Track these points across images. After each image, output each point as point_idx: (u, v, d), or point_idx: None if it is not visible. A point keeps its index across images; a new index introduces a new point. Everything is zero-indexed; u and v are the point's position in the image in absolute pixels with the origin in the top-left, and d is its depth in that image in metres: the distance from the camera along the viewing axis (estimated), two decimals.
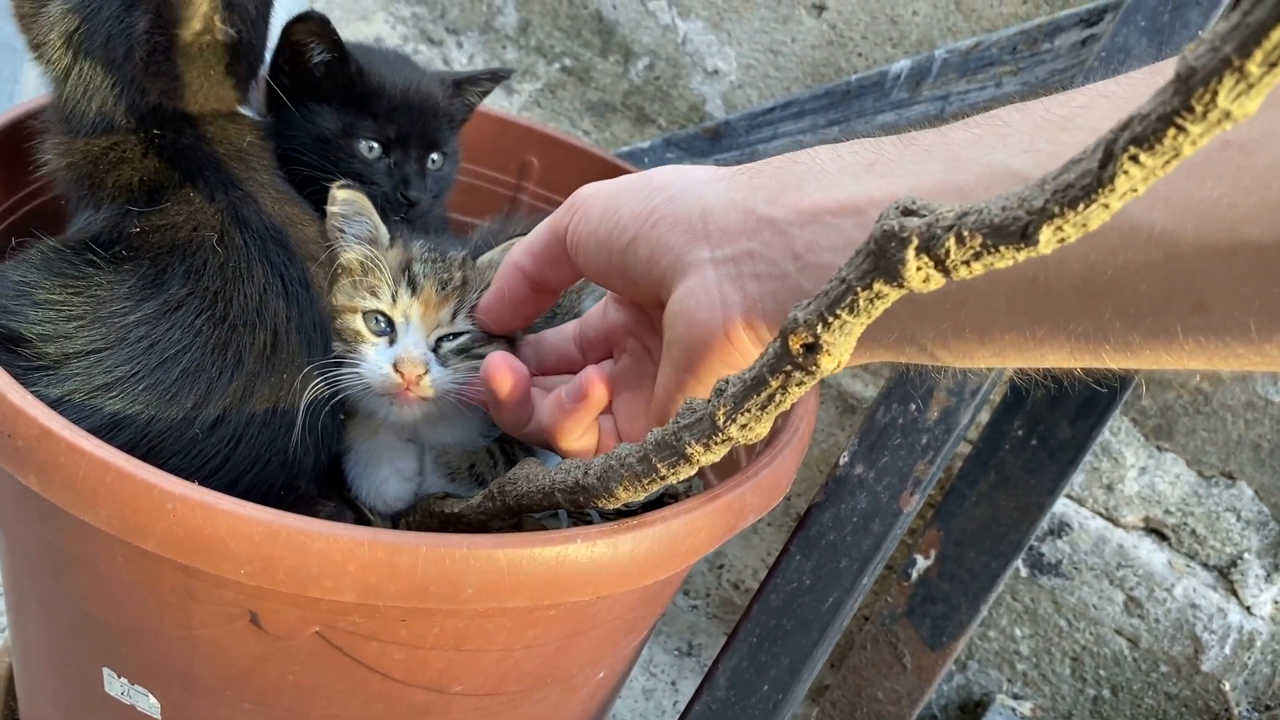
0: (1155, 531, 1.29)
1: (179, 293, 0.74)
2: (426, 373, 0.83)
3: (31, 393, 0.68)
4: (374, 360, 0.83)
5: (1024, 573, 1.32)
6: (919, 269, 0.47)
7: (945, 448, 0.89)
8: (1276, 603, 1.23)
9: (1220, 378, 1.23)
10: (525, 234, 0.94)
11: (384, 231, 0.87)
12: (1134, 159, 0.40)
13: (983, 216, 0.45)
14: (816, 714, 1.32)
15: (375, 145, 0.94)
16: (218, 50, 0.83)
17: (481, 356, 0.86)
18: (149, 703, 0.77)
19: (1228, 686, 1.22)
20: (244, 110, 0.90)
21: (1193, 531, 1.27)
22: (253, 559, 0.61)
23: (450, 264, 0.87)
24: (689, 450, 0.61)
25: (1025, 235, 0.44)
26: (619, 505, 0.70)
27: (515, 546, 0.65)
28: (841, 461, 0.92)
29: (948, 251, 0.46)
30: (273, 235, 0.79)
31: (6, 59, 1.49)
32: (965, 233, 0.45)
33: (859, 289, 0.49)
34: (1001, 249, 0.45)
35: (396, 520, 0.90)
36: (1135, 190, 0.41)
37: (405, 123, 0.94)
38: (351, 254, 0.86)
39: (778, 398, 0.56)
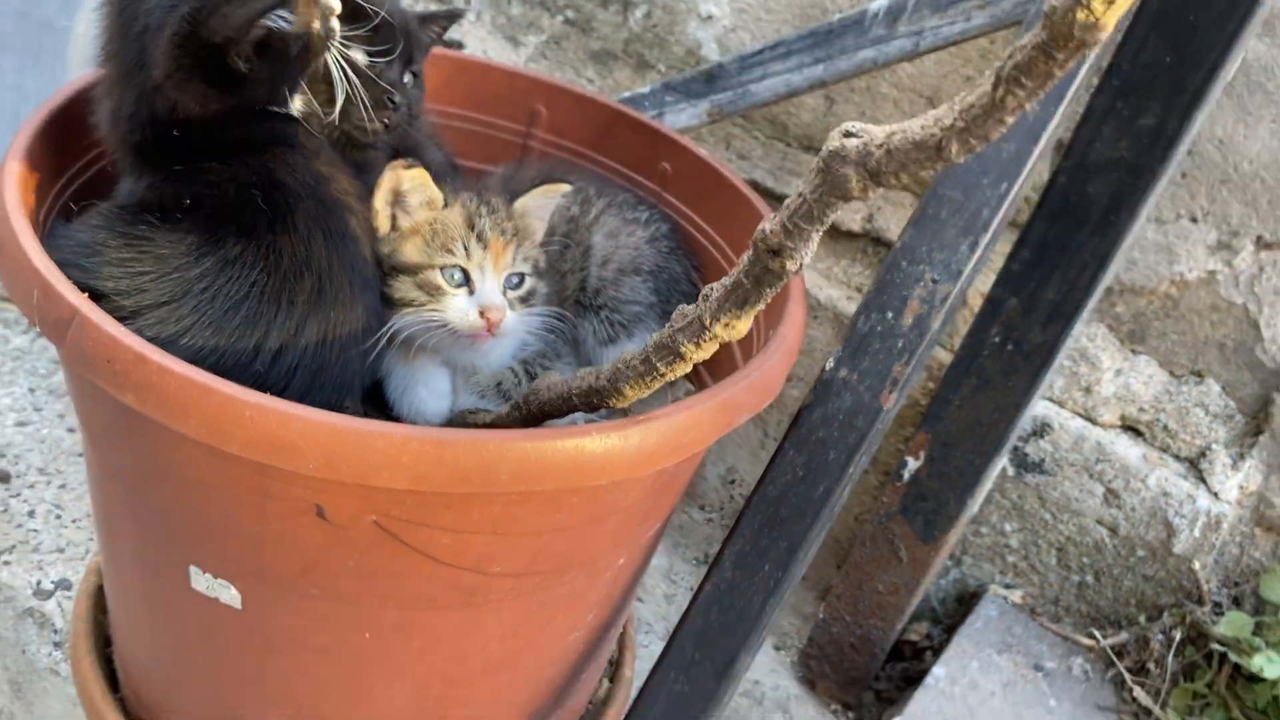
0: (1131, 428, 1.40)
1: (234, 249, 0.85)
2: (505, 315, 0.95)
3: None
4: (459, 308, 0.97)
5: (1010, 471, 1.42)
6: (858, 180, 0.58)
7: (919, 350, 0.99)
8: (1242, 488, 1.33)
9: (1187, 284, 1.33)
10: (540, 181, 1.06)
11: (439, 196, 0.98)
12: (1017, 81, 0.50)
13: (907, 135, 0.55)
14: (824, 609, 1.44)
15: (363, 52, 1.05)
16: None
17: (532, 298, 1.00)
18: (230, 594, 0.89)
19: (1198, 566, 1.33)
20: None
21: (1165, 427, 1.37)
22: (319, 455, 0.73)
23: (502, 214, 0.99)
24: (683, 349, 0.72)
25: (940, 148, 0.54)
26: (627, 405, 0.81)
27: (541, 439, 0.76)
28: (828, 367, 1.02)
29: (879, 164, 0.56)
30: (310, 191, 0.90)
31: (49, 38, 1.58)
32: (893, 148, 0.56)
33: (813, 200, 0.60)
34: (922, 159, 0.55)
35: None
36: (1022, 106, 0.51)
37: (389, 36, 1.05)
38: (420, 217, 0.98)
39: (752, 298, 0.67)
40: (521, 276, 0.99)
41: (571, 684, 1.08)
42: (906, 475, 1.31)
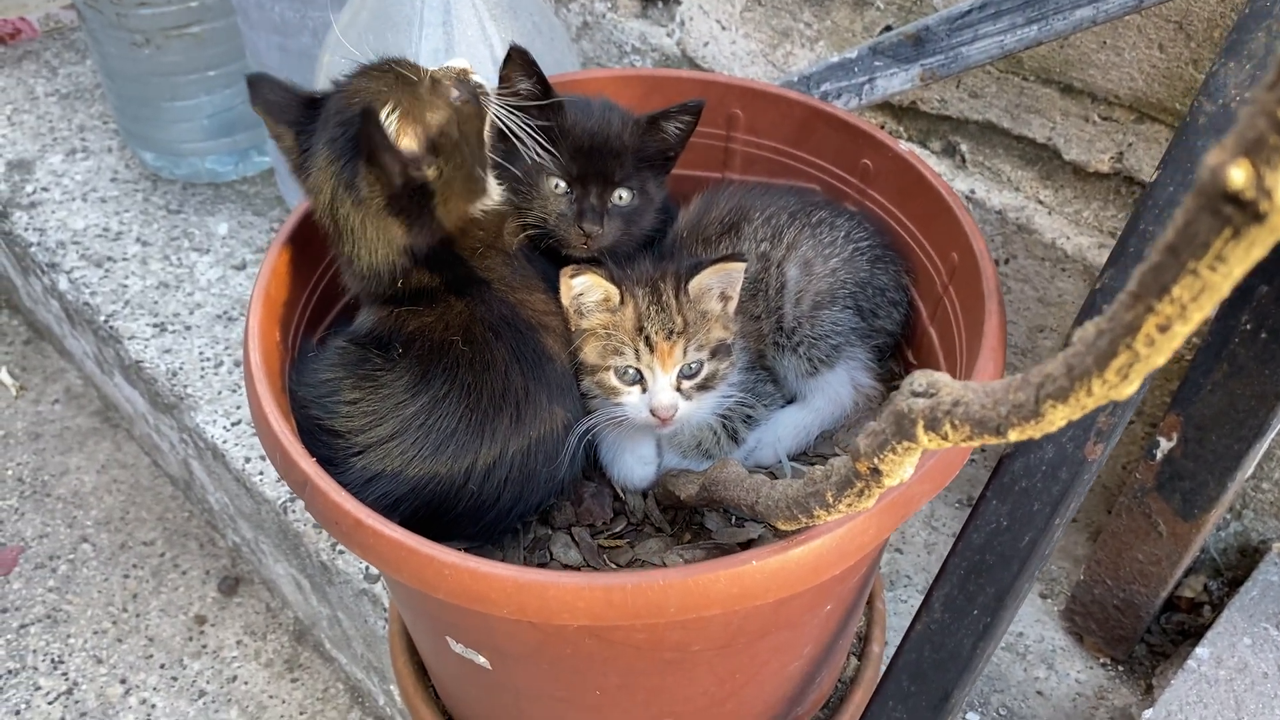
0: None
1: (442, 389, 0.95)
2: (677, 410, 1.00)
3: (356, 471, 0.94)
4: (635, 406, 1.03)
5: None
6: (929, 439, 0.57)
7: (1125, 400, 0.93)
8: None
9: None
10: (725, 230, 1.06)
11: (615, 294, 1.02)
12: (1052, 406, 0.48)
13: (969, 410, 0.54)
14: (1083, 570, 1.41)
15: (560, 183, 1.06)
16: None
17: (712, 384, 1.02)
18: (480, 660, 1.03)
19: None
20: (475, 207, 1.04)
21: None
22: (508, 603, 0.82)
23: (672, 309, 1.01)
24: (815, 511, 0.74)
25: (999, 430, 0.52)
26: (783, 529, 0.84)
27: (702, 573, 0.81)
28: None
29: (946, 433, 0.55)
30: (506, 321, 0.97)
31: (309, 68, 1.73)
32: (956, 421, 0.54)
33: (893, 441, 0.60)
34: (985, 435, 0.54)
35: (645, 494, 1.09)
36: (1066, 418, 0.49)
37: (587, 163, 1.05)
38: (595, 320, 1.03)
39: (864, 492, 0.67)
40: (699, 363, 1.02)
41: (807, 686, 1.16)
42: (1159, 455, 1.24)
